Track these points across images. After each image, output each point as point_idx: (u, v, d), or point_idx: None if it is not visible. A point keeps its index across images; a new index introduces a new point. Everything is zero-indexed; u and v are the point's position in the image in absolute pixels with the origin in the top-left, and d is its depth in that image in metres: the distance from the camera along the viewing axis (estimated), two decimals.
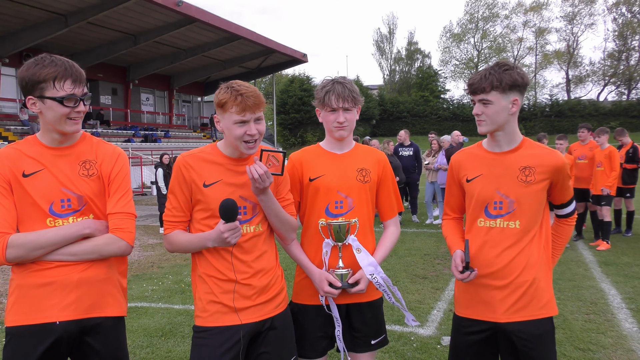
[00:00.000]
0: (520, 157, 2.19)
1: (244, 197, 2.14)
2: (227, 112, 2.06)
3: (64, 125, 2.00)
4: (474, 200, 2.25)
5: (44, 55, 1.98)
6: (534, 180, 2.15)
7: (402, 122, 49.42)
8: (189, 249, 2.16)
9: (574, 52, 54.74)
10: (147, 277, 7.08)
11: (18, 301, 1.98)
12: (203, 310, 2.13)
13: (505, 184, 2.18)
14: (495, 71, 2.10)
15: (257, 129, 2.08)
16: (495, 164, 2.22)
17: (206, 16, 23.74)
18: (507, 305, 2.14)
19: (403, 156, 11.03)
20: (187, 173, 2.14)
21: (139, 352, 4.30)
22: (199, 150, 2.22)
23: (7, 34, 21.93)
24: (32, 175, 2.00)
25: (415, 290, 6.00)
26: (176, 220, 2.17)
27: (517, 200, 2.15)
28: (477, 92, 2.14)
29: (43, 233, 1.96)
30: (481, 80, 2.12)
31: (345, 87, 2.29)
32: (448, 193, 2.46)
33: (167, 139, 29.71)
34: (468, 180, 2.28)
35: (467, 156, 2.34)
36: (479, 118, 2.18)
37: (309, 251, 2.38)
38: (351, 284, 2.27)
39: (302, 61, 34.25)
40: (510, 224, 2.16)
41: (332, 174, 2.36)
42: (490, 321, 2.18)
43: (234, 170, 2.16)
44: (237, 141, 2.08)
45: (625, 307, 5.26)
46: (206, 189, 2.12)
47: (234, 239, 2.01)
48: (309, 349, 2.37)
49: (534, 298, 2.15)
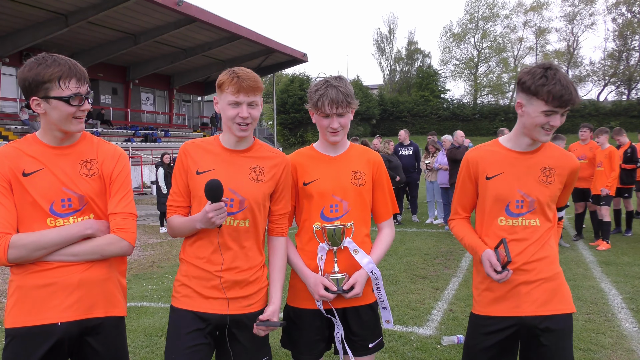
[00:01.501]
0: (542, 157, 2.23)
1: (233, 190, 2.14)
2: (224, 93, 2.11)
3: (70, 125, 2.00)
4: (493, 199, 2.24)
5: (45, 54, 1.96)
6: (553, 181, 2.21)
7: (402, 121, 49.41)
8: (183, 232, 2.20)
9: (574, 52, 54.72)
10: (147, 277, 7.08)
11: (19, 302, 1.97)
12: (176, 291, 2.23)
13: (527, 184, 2.21)
14: (572, 84, 2.04)
15: (249, 112, 2.11)
16: (517, 163, 2.23)
17: (206, 16, 23.74)
18: (533, 299, 2.16)
19: (403, 156, 11.05)
20: (185, 159, 2.21)
21: (138, 352, 4.30)
22: (202, 140, 2.29)
23: (7, 34, 21.94)
24: (32, 174, 1.99)
25: (415, 290, 5.99)
26: (176, 204, 2.24)
27: (538, 200, 2.19)
28: (569, 104, 2.04)
29: (45, 233, 1.95)
30: (572, 94, 2.02)
31: (339, 91, 2.22)
32: (461, 191, 2.41)
33: (167, 139, 29.71)
34: (488, 178, 2.26)
35: (486, 153, 2.31)
36: (553, 129, 2.12)
37: (304, 255, 2.35)
38: (346, 290, 2.24)
39: (302, 61, 34.22)
40: (532, 221, 2.21)
41: (326, 178, 2.33)
42: (515, 316, 2.18)
43: (229, 161, 2.19)
44: (229, 122, 2.12)
45: (626, 307, 5.26)
46: (198, 176, 2.16)
47: (219, 220, 2.01)
48: (305, 352, 2.36)
49: (558, 292, 2.19)
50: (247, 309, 2.20)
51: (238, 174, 2.17)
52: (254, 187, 2.18)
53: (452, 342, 4.27)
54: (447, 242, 8.85)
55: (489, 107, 53.95)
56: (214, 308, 2.15)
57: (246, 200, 2.15)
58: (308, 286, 2.29)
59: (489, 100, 56.87)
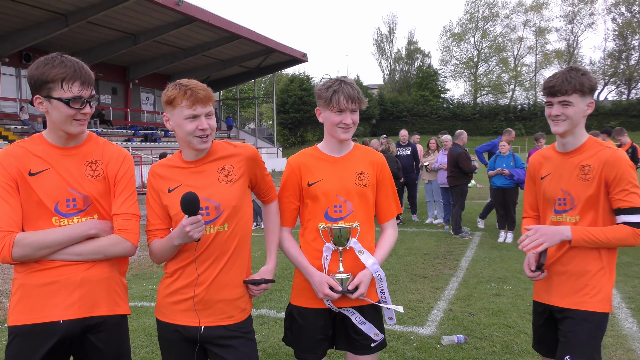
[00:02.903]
0: (583, 156, 2.33)
1: (206, 198, 2.09)
2: (177, 108, 2.04)
3: (69, 126, 2.01)
4: (543, 198, 2.45)
5: (55, 54, 1.98)
6: (592, 177, 2.28)
7: (402, 121, 49.46)
8: (165, 253, 2.14)
9: (574, 52, 54.79)
10: (147, 277, 7.08)
11: (22, 300, 1.98)
12: (158, 304, 2.23)
13: (568, 182, 2.35)
14: (576, 74, 2.26)
15: (208, 123, 2.07)
16: (561, 163, 2.40)
17: (206, 16, 23.75)
18: (558, 290, 2.36)
19: (401, 156, 11.05)
20: (155, 181, 2.19)
21: (138, 352, 4.30)
22: (167, 159, 2.25)
23: (7, 33, 21.94)
24: (38, 174, 2.00)
25: (415, 289, 6.00)
26: (154, 228, 2.19)
27: (577, 197, 2.31)
28: (557, 93, 2.27)
29: (49, 232, 1.97)
30: (563, 83, 2.25)
31: (354, 87, 2.28)
32: (527, 191, 2.64)
33: (167, 139, 29.70)
34: (542, 178, 2.47)
35: (544, 156, 2.52)
36: (557, 119, 2.31)
37: (308, 254, 2.36)
38: (350, 290, 2.25)
39: (302, 61, 34.24)
40: (572, 218, 2.34)
41: (330, 178, 2.34)
42: (546, 304, 2.42)
43: (195, 171, 2.16)
44: (189, 137, 2.06)
45: (625, 307, 5.26)
46: (170, 194, 2.13)
47: (197, 233, 1.96)
48: (308, 352, 2.36)
49: (584, 288, 2.29)
50: (228, 320, 2.16)
51: (207, 181, 2.14)
52: (225, 189, 2.14)
53: (452, 342, 4.27)
54: (447, 242, 8.85)
55: (489, 106, 54.02)
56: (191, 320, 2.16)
57: (221, 204, 2.12)
58: (312, 284, 2.29)
59: (489, 100, 56.96)
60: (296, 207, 2.42)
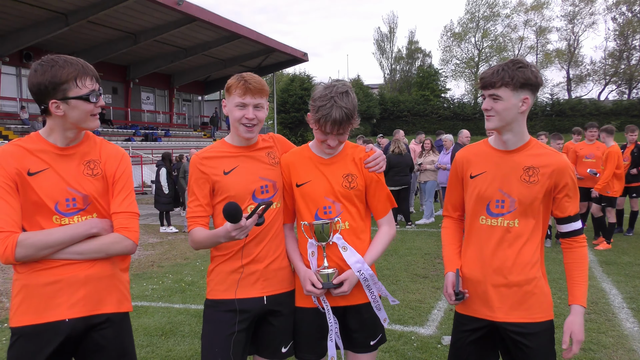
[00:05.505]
0: (526, 156, 2.17)
1: (263, 177, 2.31)
2: (232, 96, 2.24)
3: (89, 123, 2.05)
4: (475, 197, 2.23)
5: (51, 56, 1.97)
6: (537, 180, 2.13)
7: (402, 121, 49.39)
8: (207, 245, 2.26)
9: (574, 52, 54.68)
10: (147, 276, 7.08)
11: (25, 301, 1.97)
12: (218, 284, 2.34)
13: (508, 183, 2.17)
14: (509, 67, 2.07)
15: (255, 114, 2.23)
16: (500, 162, 2.20)
17: (206, 15, 23.72)
18: (504, 304, 2.16)
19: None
20: (204, 167, 2.29)
21: (139, 352, 4.30)
22: (208, 148, 2.39)
23: (7, 33, 21.91)
24: (37, 174, 2.00)
25: (415, 289, 5.99)
26: (196, 215, 2.28)
27: (519, 200, 2.14)
28: (487, 86, 2.12)
29: (51, 232, 1.97)
30: (493, 75, 2.09)
31: (344, 111, 2.17)
32: (450, 190, 2.44)
33: (168, 138, 29.69)
34: (472, 177, 2.27)
35: (473, 152, 2.32)
36: (487, 113, 2.15)
37: (302, 250, 2.38)
38: (336, 285, 2.23)
39: (303, 60, 34.21)
40: (511, 223, 2.16)
41: (318, 181, 2.33)
42: (486, 319, 2.21)
43: (248, 156, 2.33)
44: (236, 123, 2.25)
45: (627, 307, 5.25)
46: (227, 176, 2.28)
47: (242, 236, 2.06)
48: (307, 351, 2.36)
49: (531, 298, 2.15)
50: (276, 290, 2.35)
51: (261, 164, 2.34)
52: (277, 169, 2.39)
53: None
54: None
55: None
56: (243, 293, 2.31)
57: (277, 182, 2.35)
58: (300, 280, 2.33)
59: None
60: (292, 204, 2.43)
